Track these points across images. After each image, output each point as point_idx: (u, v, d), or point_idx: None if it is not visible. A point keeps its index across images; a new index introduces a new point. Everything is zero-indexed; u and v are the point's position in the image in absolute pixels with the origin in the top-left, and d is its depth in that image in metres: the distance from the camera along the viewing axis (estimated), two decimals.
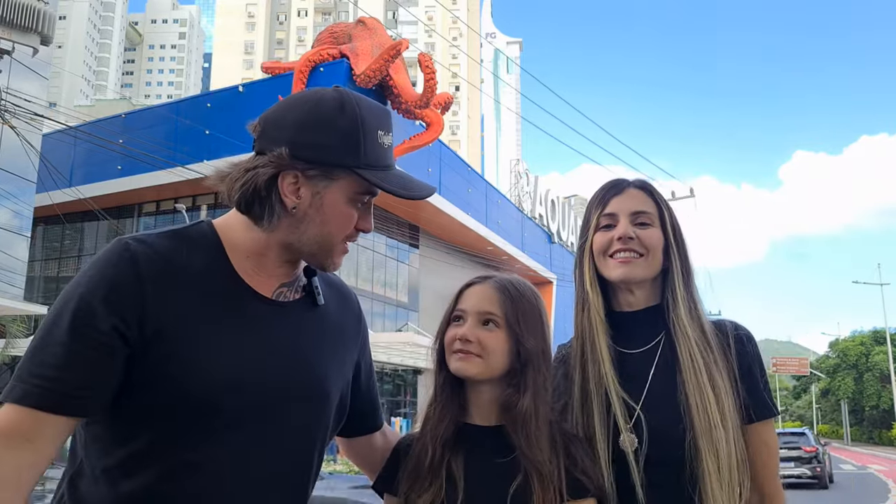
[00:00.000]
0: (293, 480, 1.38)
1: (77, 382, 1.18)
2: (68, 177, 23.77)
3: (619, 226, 1.66)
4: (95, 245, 29.12)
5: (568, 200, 48.56)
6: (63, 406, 1.18)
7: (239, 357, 1.29)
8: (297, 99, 1.37)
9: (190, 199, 26.01)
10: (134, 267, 1.24)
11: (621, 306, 1.70)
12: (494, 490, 1.45)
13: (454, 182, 30.01)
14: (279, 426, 1.33)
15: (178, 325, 1.25)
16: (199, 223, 1.40)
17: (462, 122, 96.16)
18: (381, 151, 1.35)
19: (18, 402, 1.17)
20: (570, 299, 1.83)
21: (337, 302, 1.54)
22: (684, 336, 1.61)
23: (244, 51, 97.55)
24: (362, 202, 1.37)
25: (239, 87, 25.72)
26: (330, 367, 1.45)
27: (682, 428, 1.53)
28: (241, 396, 1.27)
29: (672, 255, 1.68)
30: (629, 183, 1.72)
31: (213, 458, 1.26)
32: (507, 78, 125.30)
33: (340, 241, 1.37)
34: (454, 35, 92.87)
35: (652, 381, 1.60)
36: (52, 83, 29.52)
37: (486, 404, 1.55)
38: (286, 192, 1.32)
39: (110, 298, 1.21)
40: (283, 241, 1.36)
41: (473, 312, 1.54)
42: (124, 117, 28.01)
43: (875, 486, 19.20)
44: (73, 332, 1.19)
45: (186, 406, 1.23)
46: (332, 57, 24.14)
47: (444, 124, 25.89)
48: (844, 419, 60.59)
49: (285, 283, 1.41)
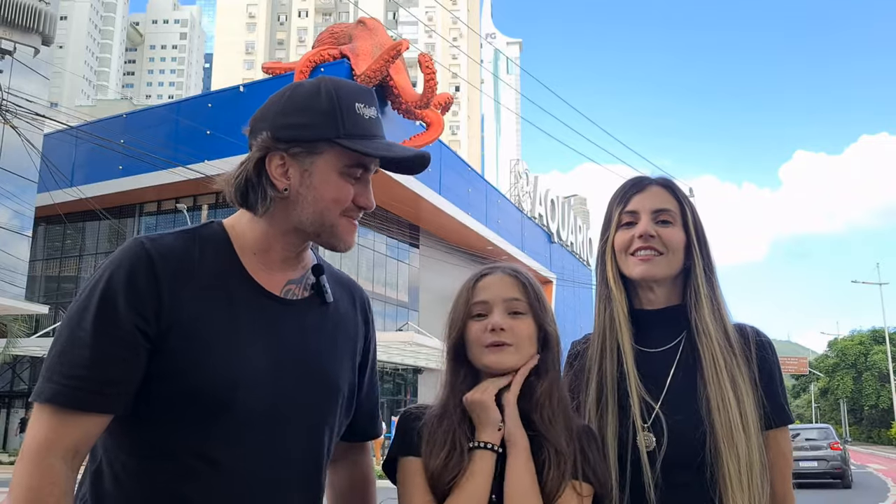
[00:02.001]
0: (308, 477, 1.39)
1: (105, 380, 1.22)
2: (69, 177, 23.76)
3: (640, 223, 1.64)
4: (97, 245, 29.13)
5: (567, 200, 48.56)
6: (94, 403, 1.22)
7: (250, 353, 1.31)
8: (278, 91, 1.42)
9: (191, 198, 26.01)
10: (150, 265, 1.28)
11: (642, 304, 1.68)
12: None
13: (454, 182, 30.01)
14: (292, 421, 1.35)
15: (191, 321, 1.27)
16: (209, 223, 1.44)
17: (462, 122, 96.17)
18: (362, 121, 1.37)
19: (50, 402, 1.21)
20: (571, 299, 1.83)
21: (347, 300, 1.56)
22: (707, 336, 1.59)
23: (245, 51, 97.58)
24: (355, 176, 1.39)
25: (240, 88, 25.73)
26: (339, 364, 1.46)
27: (703, 429, 1.51)
28: (253, 392, 1.29)
29: (694, 254, 1.66)
30: (651, 180, 1.70)
31: (228, 455, 1.27)
32: (507, 78, 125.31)
33: (338, 215, 1.38)
34: (454, 35, 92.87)
35: (672, 381, 1.59)
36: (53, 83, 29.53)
37: None
38: (275, 175, 1.35)
39: (129, 297, 1.25)
40: (285, 229, 1.39)
41: (499, 302, 1.51)
42: (125, 117, 28.01)
43: (875, 486, 19.18)
44: (96, 331, 1.23)
45: (199, 401, 1.26)
46: (333, 57, 24.15)
47: (444, 124, 25.88)
48: (843, 418, 60.59)
49: (293, 280, 1.44)
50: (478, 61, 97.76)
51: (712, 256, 1.68)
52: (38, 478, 1.18)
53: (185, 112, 25.94)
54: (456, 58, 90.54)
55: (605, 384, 1.61)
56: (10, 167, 21.18)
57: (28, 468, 1.18)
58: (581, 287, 44.07)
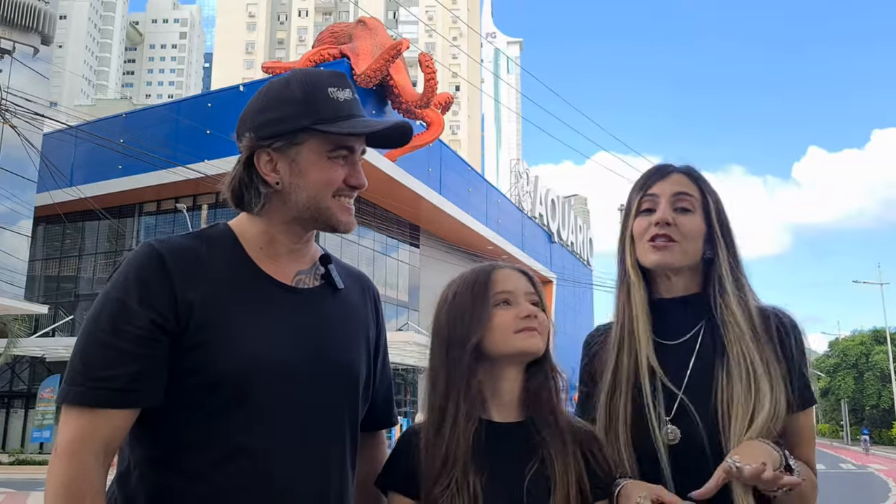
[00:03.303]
0: (332, 459, 1.41)
1: (127, 377, 1.27)
2: (69, 176, 23.78)
3: (659, 210, 1.63)
4: (96, 244, 29.15)
5: (568, 200, 48.59)
6: (117, 401, 1.27)
7: (264, 339, 1.36)
8: (255, 94, 1.48)
9: (191, 198, 26.02)
10: (161, 264, 1.34)
11: (660, 293, 1.67)
12: (514, 482, 1.43)
13: (454, 182, 30.04)
14: (314, 405, 1.38)
15: (205, 313, 1.33)
16: (215, 224, 1.50)
17: (462, 121, 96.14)
18: (336, 104, 1.42)
19: (78, 404, 1.26)
20: (571, 298, 1.83)
21: (357, 290, 1.61)
22: (733, 325, 1.57)
23: (245, 51, 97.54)
24: (342, 157, 1.43)
25: (240, 87, 25.75)
26: (355, 348, 1.51)
27: (724, 421, 1.50)
28: (271, 376, 1.34)
29: (717, 243, 1.64)
30: (674, 168, 1.70)
31: (253, 443, 1.31)
32: (508, 78, 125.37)
33: (331, 196, 1.42)
34: (454, 35, 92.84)
35: (691, 373, 1.57)
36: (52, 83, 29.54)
37: (508, 391, 1.52)
38: (265, 172, 1.42)
39: (143, 296, 1.31)
40: (285, 220, 1.45)
41: (522, 293, 1.53)
42: (125, 117, 28.05)
43: (875, 486, 19.18)
44: (114, 330, 1.29)
45: (222, 390, 1.30)
46: (333, 57, 24.18)
47: (444, 124, 25.91)
48: (844, 418, 60.60)
49: (303, 270, 1.49)
50: (478, 61, 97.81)
51: (737, 245, 1.67)
52: (72, 474, 1.23)
53: (184, 111, 25.96)
54: (456, 57, 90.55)
55: (620, 376, 1.60)
56: (10, 167, 21.19)
57: (62, 465, 1.23)
58: (581, 287, 44.09)
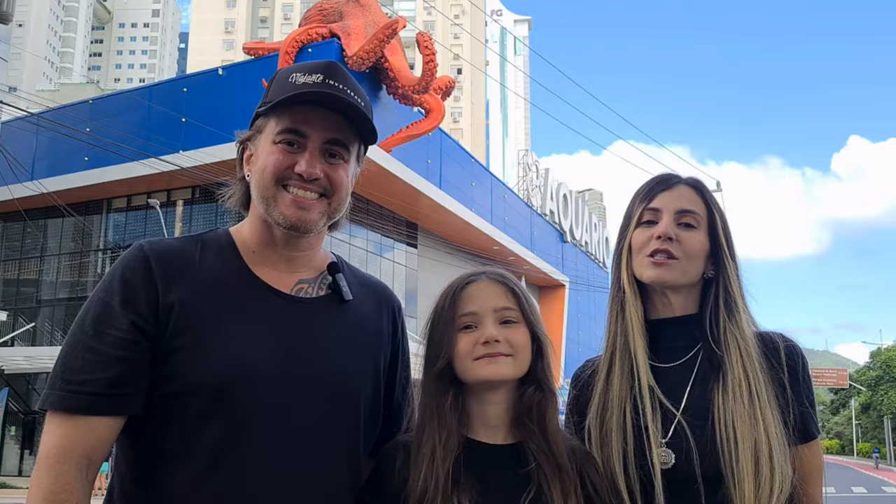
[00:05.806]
0: (322, 481, 1.43)
1: (108, 381, 1.34)
2: (30, 169, 23.80)
3: (661, 223, 1.66)
4: (60, 244, 29.15)
5: (582, 195, 48.60)
6: (99, 406, 1.33)
7: (252, 347, 1.40)
8: None
9: (164, 193, 26.01)
10: (146, 267, 1.42)
11: (657, 312, 1.70)
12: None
13: (456, 175, 30.04)
14: (303, 419, 1.41)
15: (185, 317, 1.39)
16: (215, 229, 1.60)
17: (465, 108, 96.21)
18: (287, 86, 1.49)
19: (57, 409, 1.33)
20: (585, 304, 1.85)
21: (372, 302, 1.64)
22: (734, 349, 1.61)
23: (224, 30, 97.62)
24: (287, 141, 1.49)
25: (219, 70, 25.74)
26: (357, 363, 1.53)
27: (723, 445, 1.54)
28: (257, 385, 1.38)
29: (722, 261, 1.68)
30: (679, 179, 1.72)
31: (233, 456, 1.35)
32: (515, 60, 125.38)
33: (274, 185, 1.48)
34: (456, 13, 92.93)
35: (688, 397, 1.61)
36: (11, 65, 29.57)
37: (495, 416, 1.55)
38: (246, 163, 1.56)
39: (126, 298, 1.39)
40: (258, 216, 1.53)
41: (489, 312, 1.54)
42: (92, 103, 28.04)
43: None
44: (96, 334, 1.36)
45: (201, 398, 1.35)
46: (322, 37, 24.15)
47: (444, 111, 25.91)
48: (887, 437, 60.50)
49: (305, 279, 1.54)
50: (482, 41, 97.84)
51: (738, 265, 1.71)
52: (53, 486, 1.29)
53: (157, 97, 25.95)
54: (458, 37, 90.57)
55: (610, 398, 1.64)
56: None
57: (43, 476, 1.30)
58: (597, 291, 44.10)
